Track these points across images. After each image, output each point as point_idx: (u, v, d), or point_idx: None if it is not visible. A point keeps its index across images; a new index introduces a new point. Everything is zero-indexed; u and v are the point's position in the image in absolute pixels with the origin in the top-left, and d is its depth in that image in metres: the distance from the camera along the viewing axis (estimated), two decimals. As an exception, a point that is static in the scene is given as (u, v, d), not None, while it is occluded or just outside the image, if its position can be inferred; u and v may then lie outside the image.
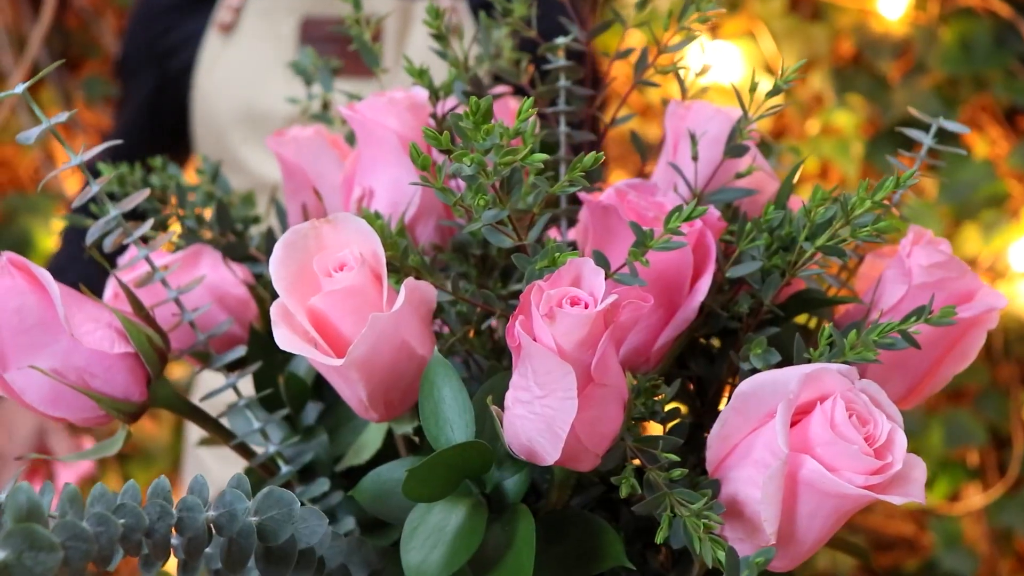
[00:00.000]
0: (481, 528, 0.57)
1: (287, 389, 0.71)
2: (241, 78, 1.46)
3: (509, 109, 0.82)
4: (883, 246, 0.77)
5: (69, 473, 1.19)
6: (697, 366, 0.70)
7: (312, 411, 0.74)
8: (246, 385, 0.74)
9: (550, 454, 0.56)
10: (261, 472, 0.70)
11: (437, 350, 0.61)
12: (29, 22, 1.98)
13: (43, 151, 2.05)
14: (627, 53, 0.80)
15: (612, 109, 0.80)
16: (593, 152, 0.59)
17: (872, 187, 0.63)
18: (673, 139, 0.77)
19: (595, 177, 0.78)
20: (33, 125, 2.07)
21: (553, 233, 0.76)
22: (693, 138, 0.71)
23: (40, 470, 1.20)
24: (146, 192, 0.66)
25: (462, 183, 0.68)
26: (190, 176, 0.86)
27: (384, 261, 0.60)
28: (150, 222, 0.66)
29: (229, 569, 0.52)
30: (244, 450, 0.70)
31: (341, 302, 0.59)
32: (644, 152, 0.83)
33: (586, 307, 0.55)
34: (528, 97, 0.58)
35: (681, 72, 0.81)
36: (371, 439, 0.71)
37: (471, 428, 0.58)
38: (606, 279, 0.61)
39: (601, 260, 0.62)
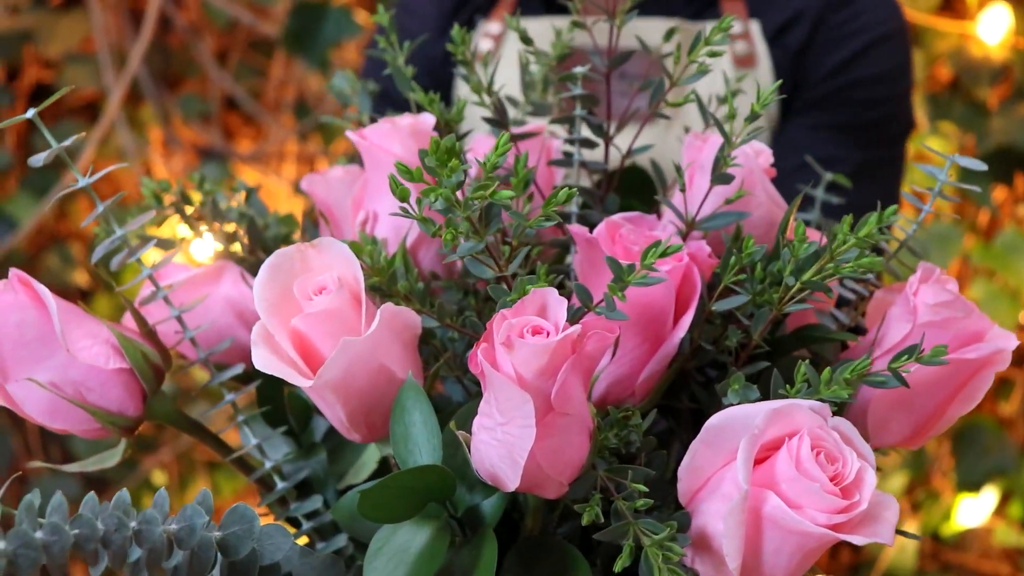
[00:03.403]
0: (443, 551, 0.58)
1: (290, 406, 0.73)
2: None
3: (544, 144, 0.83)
4: (892, 282, 0.76)
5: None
6: (688, 399, 0.70)
7: (321, 427, 0.75)
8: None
9: (511, 480, 0.57)
10: (260, 486, 0.72)
11: (412, 375, 0.62)
12: (132, 42, 2.05)
13: (143, 165, 2.12)
14: (649, 84, 0.80)
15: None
16: (566, 188, 0.60)
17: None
18: (690, 171, 0.77)
19: (611, 208, 0.78)
20: (131, 141, 2.12)
21: None
22: (679, 170, 0.71)
23: None
24: (151, 213, 0.68)
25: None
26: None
27: (363, 285, 0.61)
28: (153, 241, 0.68)
29: (189, 581, 0.54)
30: (243, 465, 0.72)
31: (320, 324, 0.61)
32: (665, 182, 0.83)
33: (548, 336, 0.56)
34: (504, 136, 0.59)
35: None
36: (369, 459, 0.72)
37: (438, 452, 0.59)
38: (587, 312, 0.62)
39: (583, 293, 0.62)
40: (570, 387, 0.56)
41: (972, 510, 2.22)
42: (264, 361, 0.60)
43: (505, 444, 0.56)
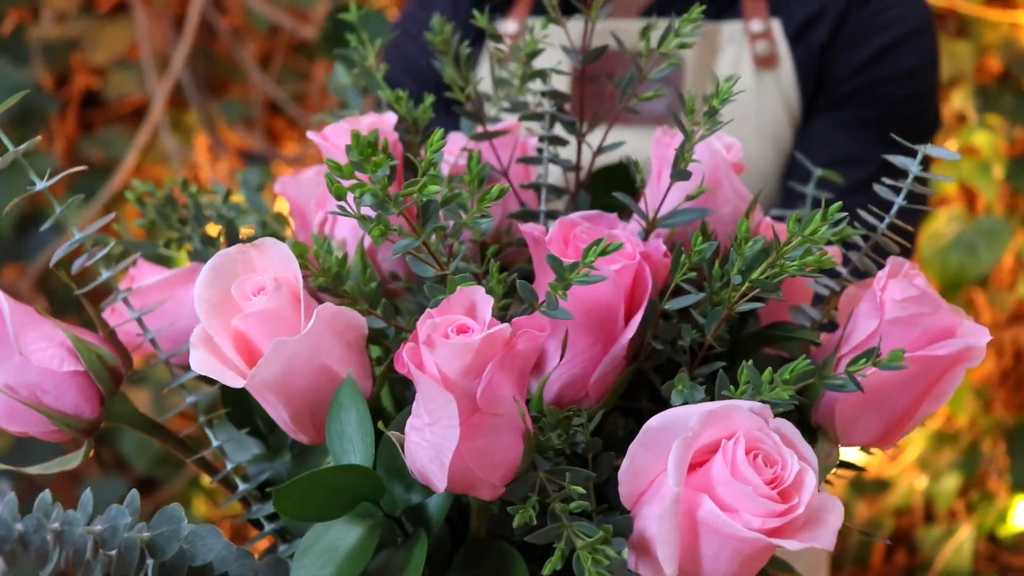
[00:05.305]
0: (370, 550, 0.58)
1: (256, 408, 0.73)
2: None
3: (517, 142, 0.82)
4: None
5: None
6: (648, 400, 0.69)
7: (290, 430, 0.75)
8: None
9: (439, 481, 0.57)
10: (225, 487, 0.73)
11: (351, 373, 0.62)
12: (176, 48, 2.08)
13: (188, 169, 2.15)
14: (621, 80, 0.79)
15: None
16: (498, 185, 0.59)
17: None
18: (657, 167, 0.76)
19: (583, 207, 0.77)
20: (175, 146, 2.14)
21: None
22: (637, 166, 0.70)
23: None
24: (110, 216, 0.69)
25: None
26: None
27: (301, 286, 0.61)
28: (111, 243, 0.69)
29: (116, 581, 0.54)
30: (205, 466, 0.72)
31: (259, 325, 0.61)
32: (637, 178, 0.82)
33: (471, 335, 0.55)
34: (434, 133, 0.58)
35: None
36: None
37: (371, 451, 0.59)
38: (532, 311, 0.61)
39: (527, 291, 0.62)
40: (497, 387, 0.56)
41: (1029, 512, 2.17)
42: (201, 363, 0.60)
43: (433, 445, 0.56)
